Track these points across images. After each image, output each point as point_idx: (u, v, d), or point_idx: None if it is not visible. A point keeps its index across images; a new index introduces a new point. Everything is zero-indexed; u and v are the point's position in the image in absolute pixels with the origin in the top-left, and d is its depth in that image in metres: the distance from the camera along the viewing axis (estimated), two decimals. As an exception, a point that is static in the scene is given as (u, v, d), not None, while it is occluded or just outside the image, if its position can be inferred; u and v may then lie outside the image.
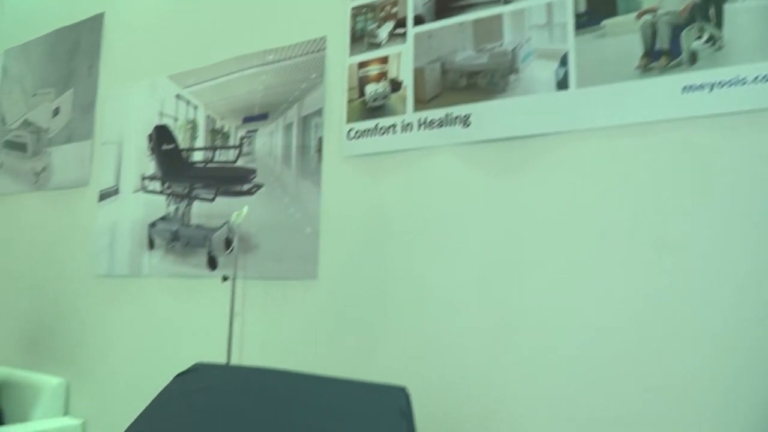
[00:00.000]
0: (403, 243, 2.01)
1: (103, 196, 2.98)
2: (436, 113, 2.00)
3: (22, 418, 2.83)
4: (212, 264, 2.50)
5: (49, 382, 2.88)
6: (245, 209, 2.32)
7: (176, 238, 2.65)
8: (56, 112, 3.33)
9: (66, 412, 2.91)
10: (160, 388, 1.83)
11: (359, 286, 2.08)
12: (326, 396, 1.54)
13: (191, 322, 2.54)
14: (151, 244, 2.74)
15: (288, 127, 2.36)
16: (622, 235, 1.63)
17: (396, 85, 2.10)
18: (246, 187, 2.45)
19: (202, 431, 1.58)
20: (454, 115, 1.96)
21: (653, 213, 1.60)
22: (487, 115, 1.90)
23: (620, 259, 1.63)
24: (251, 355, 2.32)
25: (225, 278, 2.36)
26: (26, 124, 3.50)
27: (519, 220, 1.80)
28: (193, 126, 2.68)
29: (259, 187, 2.41)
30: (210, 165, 2.59)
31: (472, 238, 1.87)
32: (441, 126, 1.98)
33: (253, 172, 2.44)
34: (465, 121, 1.94)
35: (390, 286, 2.02)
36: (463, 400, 1.82)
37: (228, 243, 2.46)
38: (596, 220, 1.67)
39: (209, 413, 1.63)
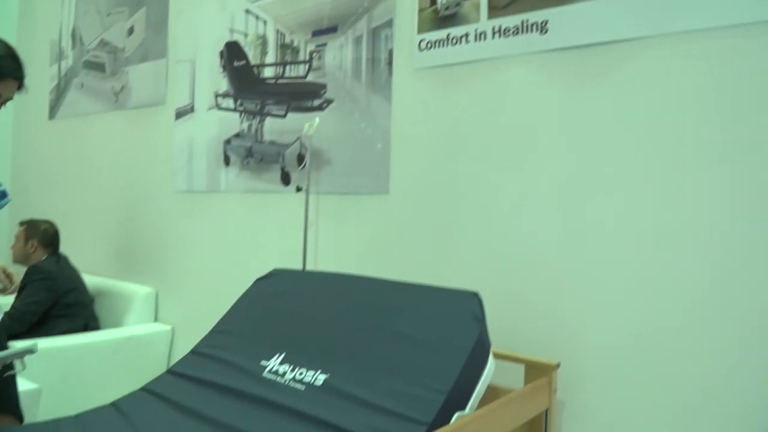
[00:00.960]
0: (477, 156, 1.99)
1: (179, 114, 3.07)
2: (512, 20, 1.91)
3: (117, 324, 3.06)
4: (285, 179, 2.56)
5: (140, 291, 3.09)
6: (317, 120, 2.34)
7: (250, 155, 2.72)
8: (130, 31, 3.39)
9: (156, 319, 3.13)
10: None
11: (431, 200, 2.09)
12: (401, 299, 1.59)
13: (268, 234, 2.64)
14: (227, 161, 2.82)
15: (358, 40, 2.33)
16: (712, 148, 1.55)
17: (469, -8, 2.02)
18: (317, 102, 2.46)
19: (282, 329, 1.67)
20: (530, 22, 1.87)
21: (748, 121, 1.50)
22: (567, 20, 1.80)
23: (707, 173, 1.55)
24: (325, 265, 2.40)
25: (299, 189, 2.43)
26: (103, 44, 3.59)
27: (597, 132, 1.73)
28: (263, 41, 2.68)
29: (329, 102, 2.41)
30: (281, 81, 2.60)
31: (548, 150, 1.83)
32: (516, 34, 1.90)
33: (323, 87, 2.44)
34: (542, 27, 1.85)
35: (463, 199, 2.01)
36: (533, 308, 1.83)
37: (300, 159, 2.50)
38: (684, 130, 1.59)
39: (288, 313, 1.72)
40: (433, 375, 1.36)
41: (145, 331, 2.93)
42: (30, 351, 1.49)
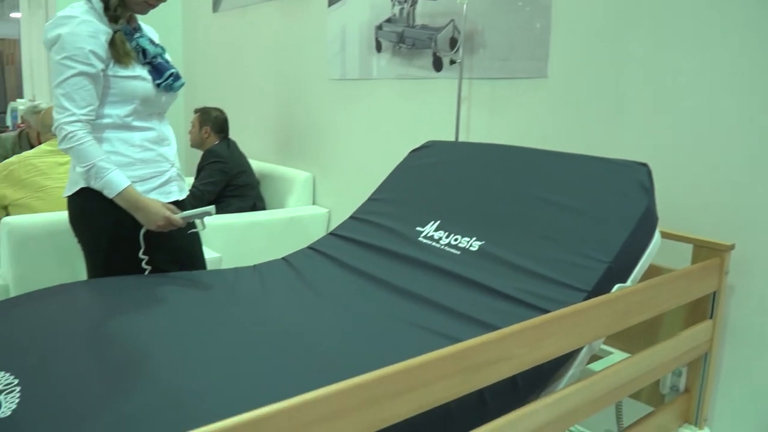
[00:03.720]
0: (647, 33, 1.80)
1: (332, 1, 3.08)
2: None
3: (279, 205, 3.30)
4: (437, 65, 2.52)
5: (299, 176, 3.28)
6: (469, -11, 2.26)
7: (402, 40, 2.69)
8: None
9: (314, 202, 3.33)
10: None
11: (595, 83, 1.95)
12: (561, 168, 1.53)
13: (419, 121, 2.64)
14: (379, 47, 2.82)
15: None
16: None
17: None
18: (472, -21, 2.35)
19: (437, 198, 1.69)
20: None
21: None
22: None
23: None
24: (477, 150, 2.37)
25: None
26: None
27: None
28: None
29: (485, -22, 2.29)
30: (435, -42, 2.51)
31: (730, 26, 1.61)
32: None
33: (479, -39, 2.31)
34: None
35: (629, 82, 1.86)
36: (706, 192, 1.70)
37: (453, 43, 2.44)
38: None
39: (443, 182, 1.73)
40: (595, 244, 1.32)
41: (305, 213, 3.14)
42: (208, 213, 1.69)
